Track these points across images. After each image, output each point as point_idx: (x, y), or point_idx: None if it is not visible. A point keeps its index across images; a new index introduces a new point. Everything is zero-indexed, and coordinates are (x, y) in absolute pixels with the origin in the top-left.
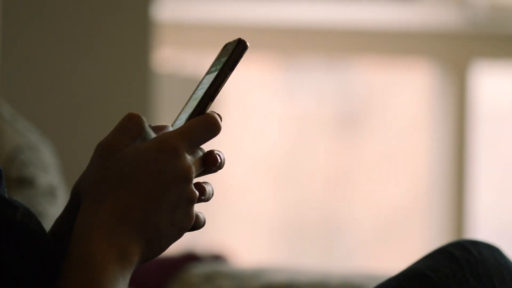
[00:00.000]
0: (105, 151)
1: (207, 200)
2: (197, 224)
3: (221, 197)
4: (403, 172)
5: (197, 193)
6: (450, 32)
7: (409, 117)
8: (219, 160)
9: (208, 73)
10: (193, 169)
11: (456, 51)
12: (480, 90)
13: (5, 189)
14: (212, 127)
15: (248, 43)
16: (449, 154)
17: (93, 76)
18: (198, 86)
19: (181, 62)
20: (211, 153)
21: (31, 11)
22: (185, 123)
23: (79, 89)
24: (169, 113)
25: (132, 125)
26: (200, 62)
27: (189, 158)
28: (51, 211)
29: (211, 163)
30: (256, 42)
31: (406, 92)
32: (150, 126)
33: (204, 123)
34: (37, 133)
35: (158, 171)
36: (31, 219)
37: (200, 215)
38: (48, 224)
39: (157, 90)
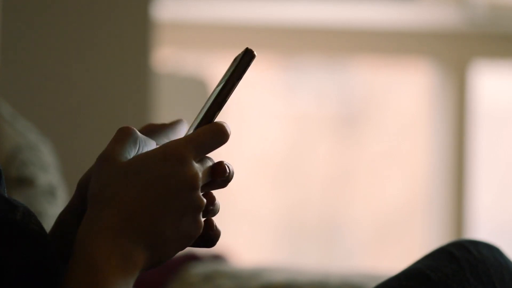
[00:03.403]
0: (106, 161)
1: (214, 213)
2: (215, 236)
3: (221, 197)
4: (403, 172)
5: (204, 200)
6: (450, 32)
7: (409, 117)
8: (228, 171)
9: (218, 85)
10: (200, 176)
11: (456, 51)
12: (480, 90)
13: (5, 189)
14: (219, 135)
15: (255, 52)
16: (449, 154)
17: (93, 76)
18: (210, 97)
19: (181, 62)
20: (220, 164)
21: (31, 11)
22: (193, 131)
23: (79, 89)
24: (169, 113)
25: (125, 137)
26: (200, 62)
27: (196, 166)
28: (51, 211)
29: (220, 173)
30: (256, 42)
31: (406, 92)
32: (164, 124)
33: (211, 131)
34: (37, 133)
35: (164, 177)
36: (31, 219)
37: (219, 229)
38: (48, 224)
39: (157, 90)
